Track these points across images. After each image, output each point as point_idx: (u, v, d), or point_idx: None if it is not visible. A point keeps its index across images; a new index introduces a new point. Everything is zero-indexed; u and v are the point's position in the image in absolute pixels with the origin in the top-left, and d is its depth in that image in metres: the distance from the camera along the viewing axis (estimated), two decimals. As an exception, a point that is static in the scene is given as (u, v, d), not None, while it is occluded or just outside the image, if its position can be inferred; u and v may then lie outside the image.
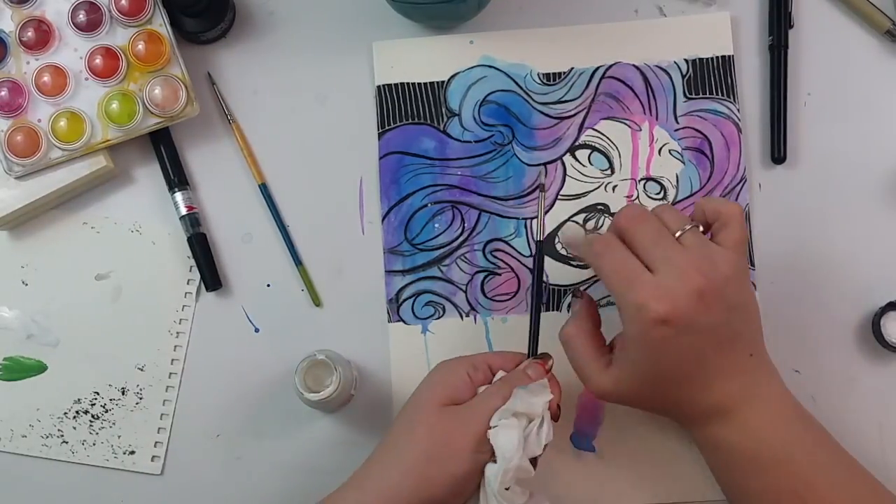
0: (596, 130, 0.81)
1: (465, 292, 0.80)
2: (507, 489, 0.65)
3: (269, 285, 0.81)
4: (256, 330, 0.80)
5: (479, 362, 0.70)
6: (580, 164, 0.81)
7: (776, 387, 0.67)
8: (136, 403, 0.79)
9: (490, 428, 0.66)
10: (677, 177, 0.80)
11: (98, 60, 0.79)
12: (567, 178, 0.81)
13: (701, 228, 0.66)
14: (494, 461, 0.65)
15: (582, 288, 0.79)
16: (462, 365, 0.69)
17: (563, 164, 0.81)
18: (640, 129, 0.81)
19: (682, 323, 0.61)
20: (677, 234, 0.64)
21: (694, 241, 0.64)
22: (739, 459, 0.65)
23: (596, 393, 0.67)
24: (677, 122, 0.81)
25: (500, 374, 0.69)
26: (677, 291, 0.61)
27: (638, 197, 0.80)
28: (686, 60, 0.81)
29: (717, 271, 0.62)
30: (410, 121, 0.82)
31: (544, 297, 0.79)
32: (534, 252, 0.77)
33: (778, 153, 0.80)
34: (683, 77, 0.81)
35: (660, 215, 0.65)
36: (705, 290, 0.61)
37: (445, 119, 0.82)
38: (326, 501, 0.67)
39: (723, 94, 0.81)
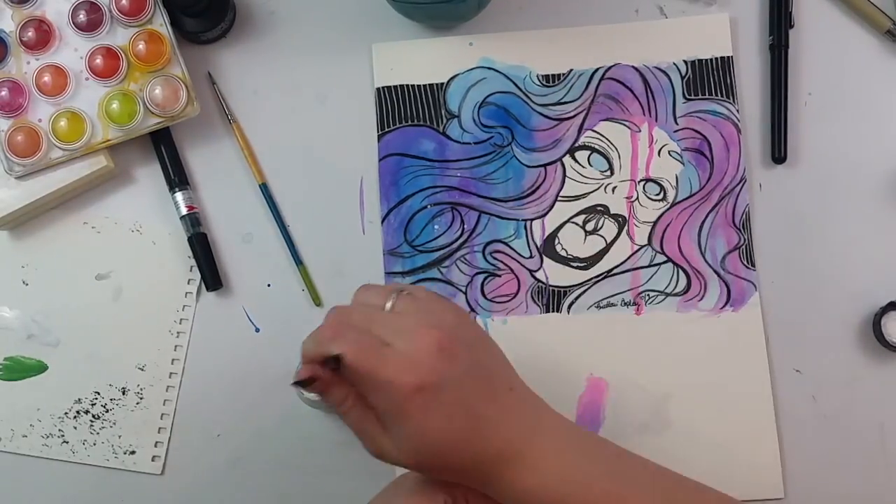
0: (595, 132, 0.81)
1: (465, 294, 0.80)
2: None
3: (269, 285, 0.81)
4: (257, 330, 0.80)
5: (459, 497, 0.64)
6: (580, 165, 0.81)
7: (548, 414, 0.62)
8: (137, 403, 0.79)
9: None
10: (677, 178, 0.80)
11: (98, 60, 0.79)
12: (567, 179, 0.81)
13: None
14: None
15: (575, 295, 0.79)
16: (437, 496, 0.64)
17: (563, 165, 0.81)
18: (640, 131, 0.81)
19: (435, 383, 0.57)
20: (388, 307, 0.61)
21: (408, 305, 0.61)
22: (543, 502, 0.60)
23: (377, 454, 0.61)
24: (677, 124, 0.81)
25: None
26: (417, 355, 0.57)
27: (638, 198, 0.80)
28: (685, 62, 0.81)
29: (444, 320, 0.60)
30: (410, 123, 0.82)
31: (545, 298, 0.79)
32: (535, 257, 0.77)
33: (778, 153, 0.80)
34: (683, 78, 0.81)
35: (361, 300, 0.62)
36: (442, 341, 0.58)
37: (445, 121, 0.82)
38: None
39: (722, 95, 0.81)
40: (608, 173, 0.81)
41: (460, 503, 0.63)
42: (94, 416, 0.79)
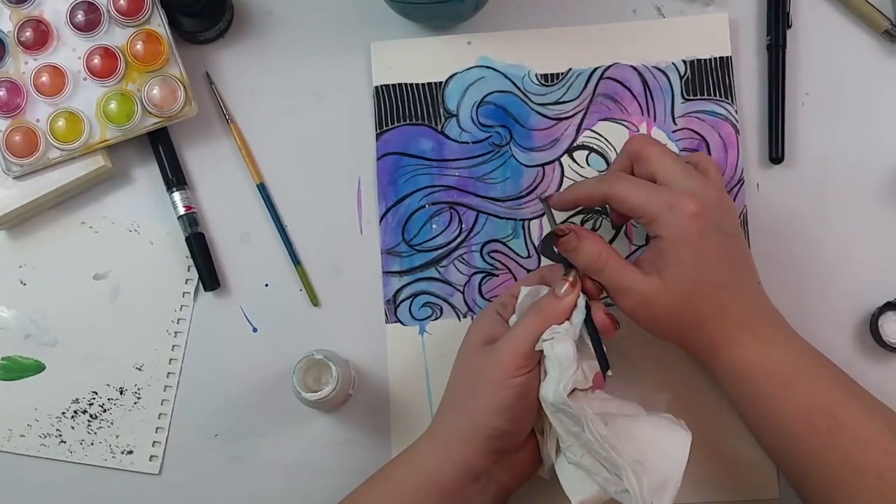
0: (594, 131, 0.81)
1: (463, 293, 0.80)
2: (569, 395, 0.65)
3: (267, 285, 0.81)
4: (255, 330, 0.80)
5: (505, 298, 0.72)
6: (578, 165, 0.81)
7: (783, 317, 0.70)
8: (135, 403, 0.79)
9: (543, 342, 0.66)
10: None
11: (96, 60, 0.79)
12: (565, 179, 0.81)
13: None
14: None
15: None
16: (492, 306, 0.72)
17: (561, 165, 0.81)
18: (638, 131, 0.81)
19: (710, 219, 0.66)
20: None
21: (692, 171, 0.69)
22: (769, 382, 0.66)
23: (640, 301, 0.67)
24: (675, 124, 0.81)
25: (523, 291, 0.71)
26: (701, 193, 0.66)
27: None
28: (684, 62, 0.81)
29: (723, 191, 0.70)
30: (408, 122, 0.82)
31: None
32: (533, 256, 0.78)
33: (776, 153, 0.80)
34: (681, 78, 0.81)
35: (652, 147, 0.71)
36: (721, 196, 0.68)
37: (443, 120, 0.82)
38: (408, 449, 0.70)
39: (721, 96, 0.81)
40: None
41: (509, 304, 0.71)
42: (91, 415, 0.79)
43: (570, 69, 0.82)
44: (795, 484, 0.68)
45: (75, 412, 0.79)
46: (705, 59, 0.81)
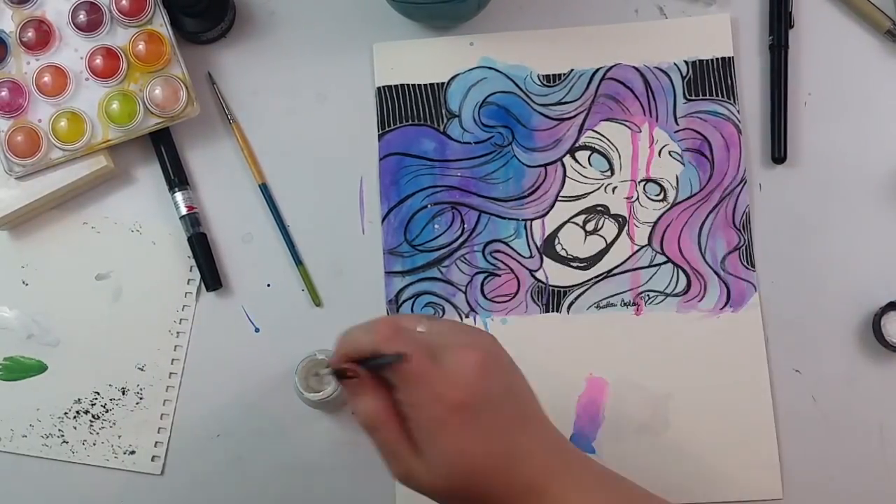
0: (596, 132, 0.81)
1: (465, 293, 0.80)
2: None
3: (269, 285, 0.81)
4: (257, 330, 0.80)
5: None
6: (580, 165, 0.81)
7: (573, 450, 0.62)
8: (137, 403, 0.79)
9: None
10: (677, 178, 0.80)
11: (98, 60, 0.79)
12: (567, 179, 0.81)
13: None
14: None
15: (575, 295, 0.79)
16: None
17: (563, 165, 0.81)
18: (640, 131, 0.81)
19: (476, 402, 0.57)
20: (420, 330, 0.60)
21: (443, 328, 0.61)
22: None
23: (415, 485, 0.59)
24: (677, 124, 0.81)
25: None
26: (463, 371, 0.57)
27: (638, 198, 0.80)
28: (686, 62, 0.81)
29: (481, 342, 0.60)
30: (410, 122, 0.82)
31: (544, 298, 0.79)
32: (535, 256, 0.78)
33: (778, 153, 0.80)
34: (683, 78, 0.81)
35: (373, 331, 0.60)
36: (484, 361, 0.58)
37: (445, 120, 0.82)
38: None
39: (723, 96, 0.81)
40: (608, 173, 0.81)
41: None
42: (93, 416, 0.79)
43: (572, 70, 0.82)
44: None
45: (77, 412, 0.79)
46: (707, 60, 0.81)
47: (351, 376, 0.59)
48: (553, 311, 0.79)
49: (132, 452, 0.79)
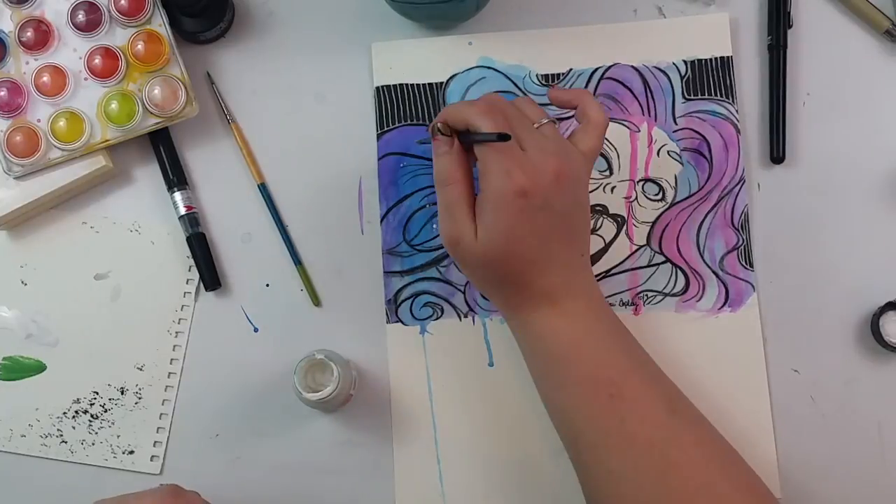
0: (594, 131, 0.81)
1: (464, 293, 0.80)
2: None
3: (268, 285, 0.81)
4: (256, 330, 0.80)
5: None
6: (579, 165, 0.81)
7: (597, 290, 0.70)
8: (136, 403, 0.79)
9: None
10: (676, 178, 0.80)
11: (97, 60, 0.79)
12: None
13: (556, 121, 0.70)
14: None
15: None
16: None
17: (562, 164, 0.81)
18: (639, 131, 0.81)
19: (539, 199, 0.65)
20: (536, 125, 0.68)
21: (551, 132, 0.68)
22: (561, 347, 0.67)
23: (454, 238, 0.67)
24: (676, 124, 0.81)
25: None
26: (539, 168, 0.65)
27: (637, 198, 0.80)
28: (685, 62, 0.81)
29: (571, 162, 0.67)
30: (409, 122, 0.82)
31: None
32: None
33: (777, 153, 0.80)
34: (682, 78, 0.81)
35: (520, 107, 0.69)
36: (561, 173, 0.65)
37: (444, 119, 0.82)
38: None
39: (721, 96, 0.81)
40: (607, 173, 0.81)
41: None
42: (92, 415, 0.79)
43: (571, 69, 0.82)
44: (570, 443, 0.69)
45: (76, 412, 0.79)
46: (706, 59, 0.81)
47: (445, 133, 0.67)
48: (552, 311, 0.79)
49: (131, 452, 0.79)
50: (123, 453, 0.79)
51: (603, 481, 0.66)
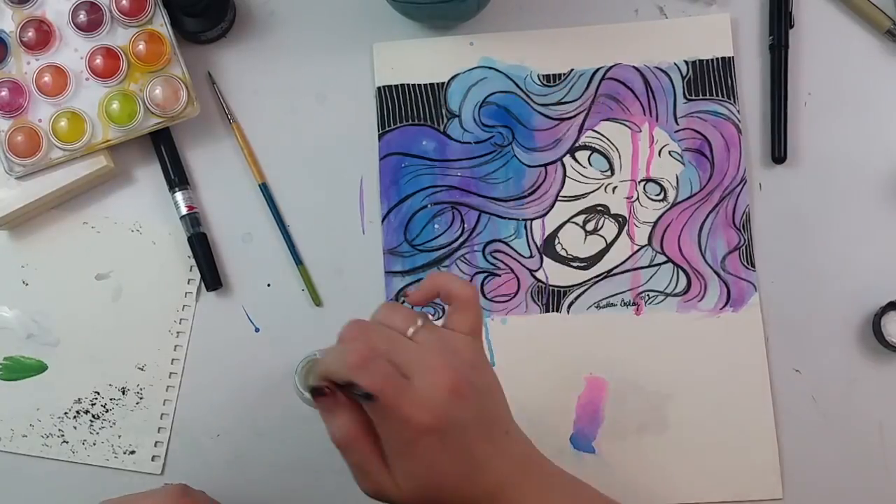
0: (596, 132, 0.81)
1: (465, 293, 0.80)
2: None
3: (269, 285, 0.81)
4: (257, 330, 0.80)
5: None
6: (580, 165, 0.81)
7: (537, 457, 0.63)
8: (137, 403, 0.79)
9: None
10: (677, 178, 0.80)
11: (99, 60, 0.79)
12: (567, 179, 0.81)
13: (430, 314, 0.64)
14: None
15: (575, 295, 0.79)
16: None
17: (563, 165, 0.81)
18: (640, 131, 0.81)
19: (444, 425, 0.58)
20: (410, 334, 0.60)
21: (429, 337, 0.60)
22: None
23: (385, 499, 0.61)
24: (677, 124, 0.81)
25: None
26: (433, 395, 0.58)
27: (638, 198, 0.80)
28: (686, 62, 0.81)
29: (461, 360, 0.60)
30: (410, 122, 0.82)
31: (544, 298, 0.79)
32: (535, 256, 0.78)
33: (778, 153, 0.80)
34: (683, 78, 0.81)
35: (384, 320, 0.62)
36: (457, 383, 0.58)
37: (445, 120, 0.82)
38: None
39: (723, 96, 0.81)
40: (608, 173, 0.81)
41: None
42: (93, 415, 0.79)
43: (573, 70, 0.82)
44: None
45: (77, 412, 0.79)
46: (707, 60, 0.81)
47: (326, 394, 0.59)
48: (553, 311, 0.79)
49: (132, 452, 0.79)
50: (124, 453, 0.79)
51: None
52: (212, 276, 0.80)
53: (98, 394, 0.80)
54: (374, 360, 0.58)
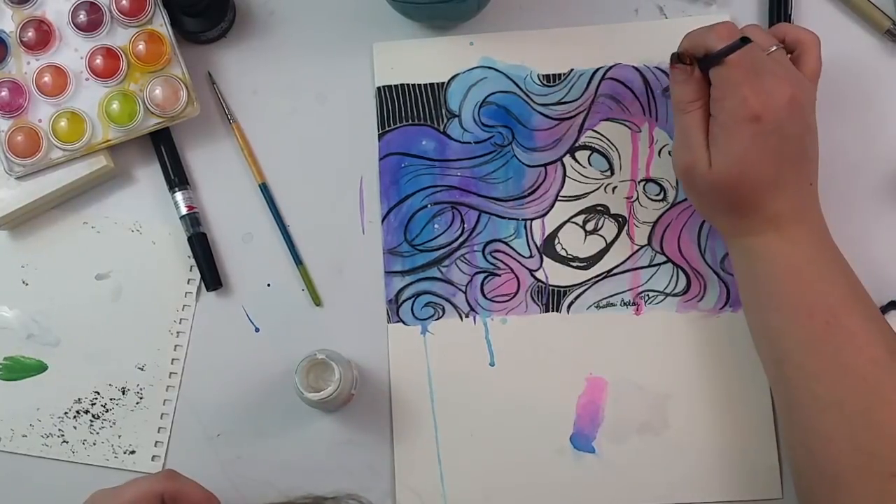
0: (596, 132, 0.81)
1: (465, 293, 0.80)
2: None
3: (269, 285, 0.81)
4: (257, 329, 0.80)
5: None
6: (580, 165, 0.81)
7: (822, 219, 0.72)
8: (137, 403, 0.79)
9: None
10: (677, 178, 0.80)
11: (98, 60, 0.79)
12: (567, 179, 0.81)
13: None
14: None
15: (575, 295, 0.79)
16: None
17: (563, 165, 0.81)
18: (640, 131, 0.81)
19: (772, 124, 0.66)
20: (767, 52, 0.69)
21: (782, 58, 0.70)
22: (782, 271, 0.68)
23: (687, 165, 0.70)
24: (677, 123, 0.81)
25: None
26: (773, 93, 0.67)
27: (638, 198, 0.80)
28: (686, 61, 0.81)
29: (802, 88, 0.69)
30: (410, 122, 0.82)
31: (544, 298, 0.79)
32: (535, 256, 0.78)
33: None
34: (683, 78, 0.81)
35: (751, 34, 0.70)
36: (794, 98, 0.67)
37: (445, 120, 0.82)
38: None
39: (723, 96, 0.81)
40: (608, 173, 0.81)
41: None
42: (93, 415, 0.79)
43: (572, 69, 0.82)
44: (774, 363, 0.69)
45: (77, 412, 0.79)
46: (707, 60, 0.81)
47: (687, 63, 0.70)
48: (553, 311, 0.79)
49: (132, 452, 0.79)
50: (124, 453, 0.79)
51: (806, 404, 0.67)
52: (212, 276, 0.80)
53: (98, 394, 0.80)
54: (736, 37, 0.68)
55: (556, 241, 0.80)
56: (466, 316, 0.80)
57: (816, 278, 0.68)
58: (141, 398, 0.79)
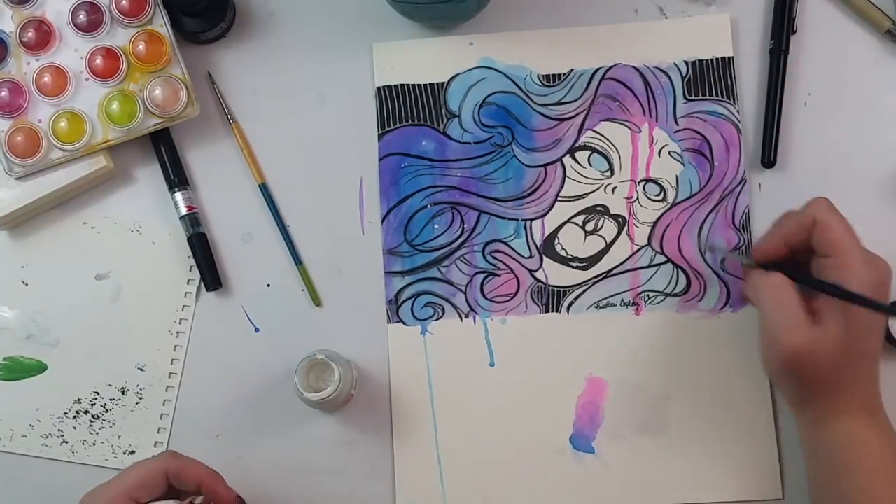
0: (596, 132, 0.81)
1: (465, 293, 0.80)
2: None
3: (269, 285, 0.81)
4: (256, 330, 0.80)
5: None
6: (580, 165, 0.81)
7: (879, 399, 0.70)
8: (136, 403, 0.79)
9: None
10: (677, 178, 0.80)
11: (98, 61, 0.79)
12: (567, 179, 0.81)
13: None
14: None
15: (575, 295, 0.79)
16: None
17: (563, 165, 0.81)
18: (640, 131, 0.81)
19: (886, 293, 0.67)
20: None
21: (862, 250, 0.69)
22: (872, 460, 0.67)
23: (788, 345, 0.66)
24: (677, 124, 0.81)
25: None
26: (872, 273, 0.67)
27: (638, 198, 0.80)
28: (686, 62, 0.81)
29: (884, 290, 0.69)
30: (410, 122, 0.82)
31: (544, 298, 0.79)
32: (535, 256, 0.78)
33: (768, 157, 0.79)
34: (683, 79, 0.81)
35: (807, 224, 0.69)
36: (884, 281, 0.68)
37: (445, 120, 0.82)
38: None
39: (723, 96, 0.81)
40: (608, 173, 0.81)
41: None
42: (93, 416, 0.79)
43: (572, 70, 0.82)
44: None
45: (77, 412, 0.79)
46: (707, 60, 0.81)
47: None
48: (553, 311, 0.79)
49: (132, 452, 0.79)
50: (124, 453, 0.79)
51: None
52: (212, 276, 0.80)
53: (98, 394, 0.80)
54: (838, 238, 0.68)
55: (556, 241, 0.80)
56: (466, 316, 0.80)
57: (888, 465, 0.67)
58: (141, 398, 0.79)
